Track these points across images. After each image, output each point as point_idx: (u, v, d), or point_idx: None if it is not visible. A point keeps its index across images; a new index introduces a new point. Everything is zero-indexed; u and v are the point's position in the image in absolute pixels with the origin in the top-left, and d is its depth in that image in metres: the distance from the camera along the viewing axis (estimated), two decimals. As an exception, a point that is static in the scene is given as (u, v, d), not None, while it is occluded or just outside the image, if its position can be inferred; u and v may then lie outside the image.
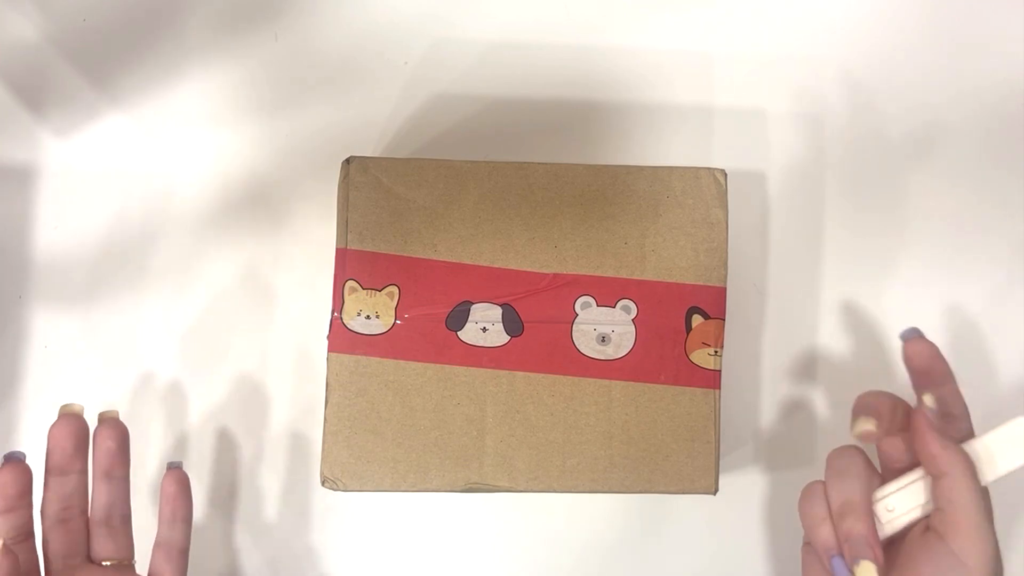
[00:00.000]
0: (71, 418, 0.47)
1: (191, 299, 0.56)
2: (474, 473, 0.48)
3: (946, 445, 0.43)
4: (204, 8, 0.58)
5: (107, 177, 0.57)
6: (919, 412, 0.44)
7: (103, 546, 0.47)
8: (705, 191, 0.50)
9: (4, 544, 0.42)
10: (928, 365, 0.46)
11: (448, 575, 0.55)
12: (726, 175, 0.50)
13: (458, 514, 0.55)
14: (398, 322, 0.49)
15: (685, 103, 0.57)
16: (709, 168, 0.50)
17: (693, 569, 0.55)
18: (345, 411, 0.48)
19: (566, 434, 0.49)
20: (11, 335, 0.55)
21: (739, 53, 0.58)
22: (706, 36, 0.58)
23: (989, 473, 0.44)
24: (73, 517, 0.47)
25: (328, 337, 0.49)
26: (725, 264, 0.50)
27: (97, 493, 0.48)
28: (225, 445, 0.55)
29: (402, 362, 0.49)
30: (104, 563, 0.47)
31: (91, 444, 0.48)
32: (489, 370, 0.49)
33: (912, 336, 0.46)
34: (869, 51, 0.58)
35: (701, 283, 0.50)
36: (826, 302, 0.56)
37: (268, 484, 0.55)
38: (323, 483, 0.48)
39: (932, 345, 0.46)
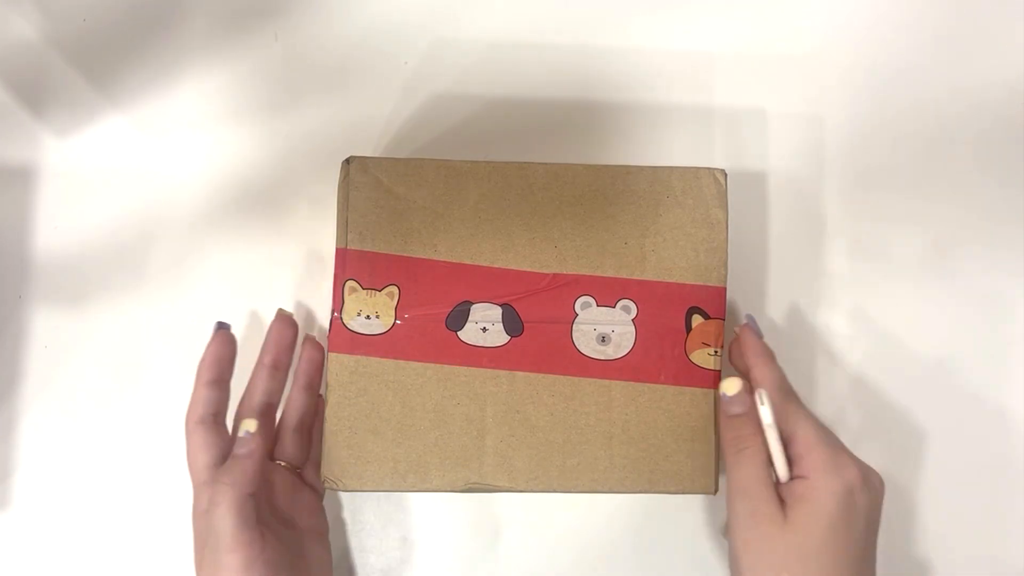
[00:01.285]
0: (290, 320, 0.51)
1: (191, 299, 0.56)
2: (474, 473, 0.48)
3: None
4: (204, 8, 0.58)
5: (107, 177, 0.57)
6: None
7: (286, 449, 0.50)
8: (705, 191, 0.50)
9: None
10: (752, 357, 0.48)
11: (449, 575, 0.55)
12: (726, 175, 0.50)
13: (458, 514, 0.55)
14: (398, 322, 0.49)
15: (685, 103, 0.57)
16: (709, 168, 0.50)
17: (693, 569, 0.55)
18: (345, 411, 0.48)
19: (566, 434, 0.49)
20: (11, 335, 0.55)
21: (739, 53, 0.58)
22: (706, 36, 0.58)
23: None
24: (270, 413, 0.50)
25: (328, 337, 0.49)
26: (725, 264, 0.50)
27: (294, 400, 0.51)
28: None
29: (402, 362, 0.49)
30: (279, 463, 0.50)
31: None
32: (489, 370, 0.49)
33: (747, 324, 0.49)
34: (870, 51, 0.58)
35: (701, 283, 0.50)
36: (826, 302, 0.56)
37: (268, 484, 0.55)
38: (323, 483, 0.48)
39: (759, 344, 0.48)
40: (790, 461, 0.45)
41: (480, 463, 0.48)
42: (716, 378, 0.49)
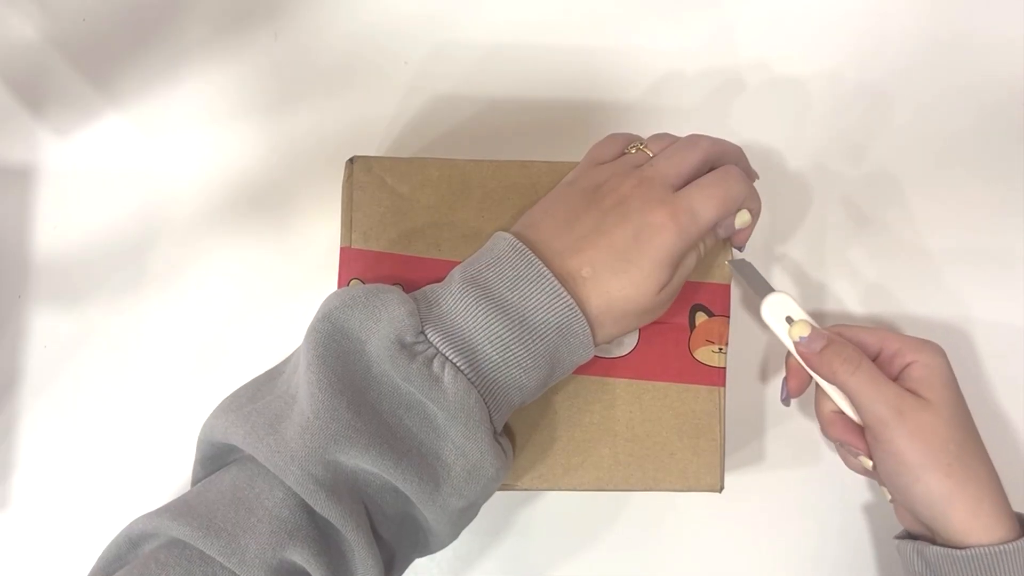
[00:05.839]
0: None
1: (192, 299, 0.56)
2: (478, 472, 0.48)
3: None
4: (204, 8, 0.58)
5: (107, 177, 0.56)
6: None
7: None
8: (708, 189, 0.50)
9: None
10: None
11: (453, 574, 0.55)
12: (730, 174, 0.50)
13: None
14: (402, 321, 0.49)
15: (688, 103, 0.58)
16: (713, 167, 0.50)
17: (698, 567, 0.55)
18: (349, 410, 0.48)
19: (570, 432, 0.49)
20: (11, 335, 0.55)
21: (741, 54, 0.58)
22: (708, 37, 0.58)
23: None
24: None
25: (332, 336, 0.49)
26: (729, 261, 0.50)
27: None
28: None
29: (406, 361, 0.48)
30: None
31: None
32: None
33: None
34: (873, 52, 0.59)
35: (705, 280, 0.49)
36: (830, 300, 0.57)
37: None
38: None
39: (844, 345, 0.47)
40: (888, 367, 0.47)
41: (484, 462, 0.48)
42: (721, 375, 0.49)
